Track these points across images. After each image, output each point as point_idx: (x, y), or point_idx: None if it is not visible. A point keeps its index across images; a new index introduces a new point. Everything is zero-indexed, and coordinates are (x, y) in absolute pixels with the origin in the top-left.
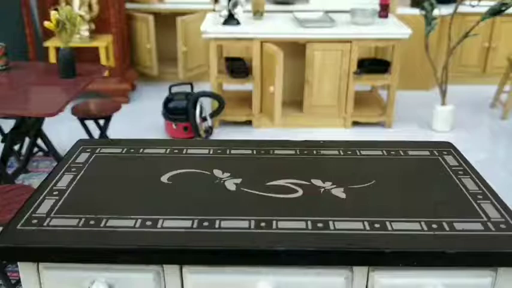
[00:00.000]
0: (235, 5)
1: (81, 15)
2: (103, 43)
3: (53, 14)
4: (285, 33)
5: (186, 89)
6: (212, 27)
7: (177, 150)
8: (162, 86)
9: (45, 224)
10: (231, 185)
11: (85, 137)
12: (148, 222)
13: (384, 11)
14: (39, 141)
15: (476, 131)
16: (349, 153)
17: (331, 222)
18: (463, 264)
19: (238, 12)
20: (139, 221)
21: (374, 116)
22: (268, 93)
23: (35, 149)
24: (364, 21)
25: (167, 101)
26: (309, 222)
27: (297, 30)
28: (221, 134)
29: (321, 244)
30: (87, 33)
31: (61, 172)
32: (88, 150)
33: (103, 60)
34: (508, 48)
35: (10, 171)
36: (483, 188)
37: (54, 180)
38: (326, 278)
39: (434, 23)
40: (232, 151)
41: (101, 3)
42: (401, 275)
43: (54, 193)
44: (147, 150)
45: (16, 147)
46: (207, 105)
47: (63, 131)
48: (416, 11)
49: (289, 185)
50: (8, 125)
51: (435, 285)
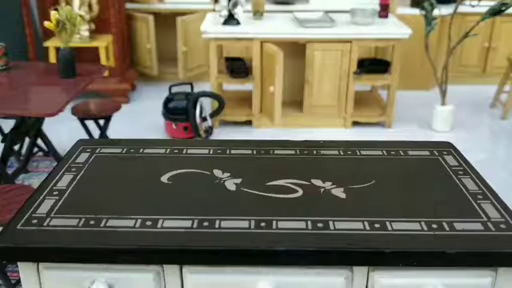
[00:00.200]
0: (235, 5)
1: (81, 15)
2: (103, 43)
3: (53, 14)
4: (285, 33)
5: (186, 89)
6: (212, 27)
7: (177, 150)
8: (162, 86)
9: (45, 224)
10: (231, 185)
11: (85, 137)
12: (148, 222)
13: (384, 11)
14: (39, 141)
15: (476, 131)
16: (349, 153)
17: (331, 222)
18: (463, 264)
19: (238, 12)
20: (139, 221)
21: (374, 116)
22: (268, 93)
23: (35, 149)
24: (364, 21)
25: (167, 101)
26: (309, 222)
27: (297, 30)
28: (221, 134)
29: (321, 244)
30: (87, 33)
31: (61, 172)
32: (88, 150)
33: (103, 60)
34: (508, 48)
35: (10, 171)
36: (483, 188)
37: (54, 180)
38: (326, 278)
39: (434, 23)
40: (232, 151)
41: (101, 3)
42: (401, 275)
43: (54, 193)
44: (147, 150)
45: (16, 147)
46: (207, 105)
47: (63, 131)
48: (416, 11)
49: (289, 185)
50: (8, 125)
51: (435, 285)
